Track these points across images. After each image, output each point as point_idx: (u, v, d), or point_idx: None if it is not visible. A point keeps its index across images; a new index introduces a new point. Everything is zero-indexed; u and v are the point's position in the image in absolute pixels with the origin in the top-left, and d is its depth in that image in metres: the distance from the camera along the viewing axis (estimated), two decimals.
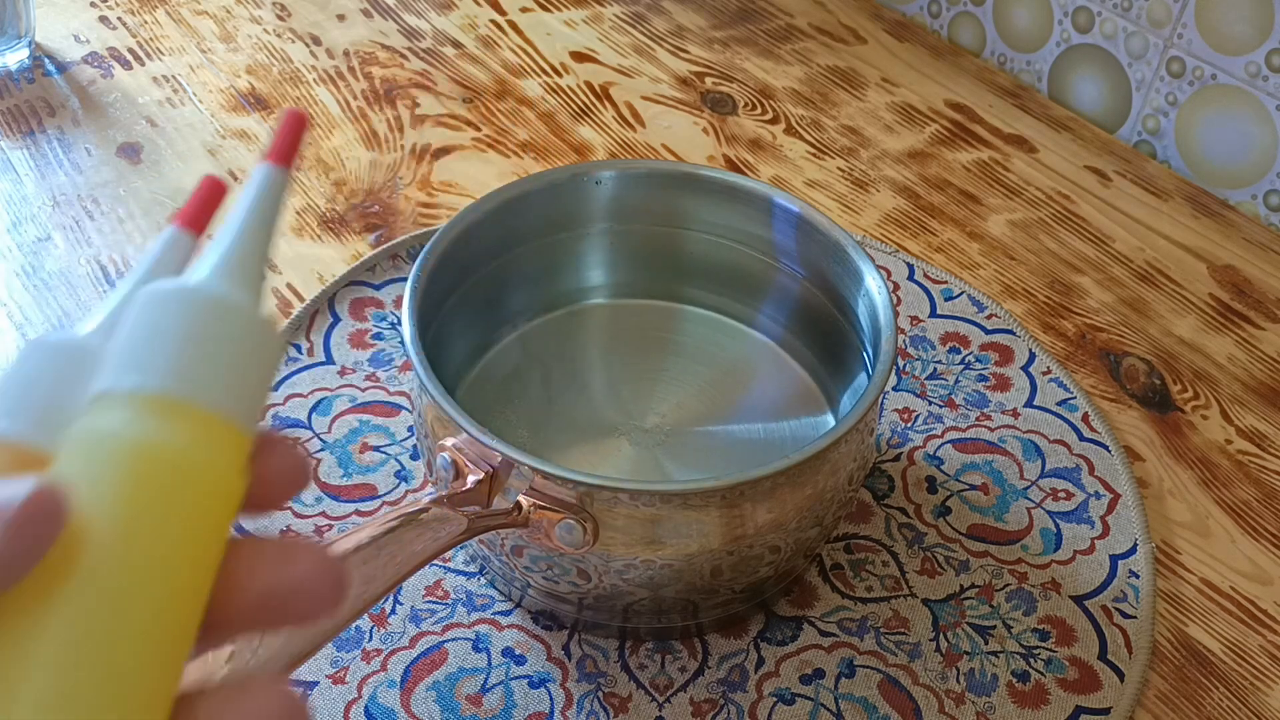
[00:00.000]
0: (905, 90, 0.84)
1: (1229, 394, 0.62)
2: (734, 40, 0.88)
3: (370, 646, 0.47)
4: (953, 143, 0.79)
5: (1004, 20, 0.87)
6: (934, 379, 0.60)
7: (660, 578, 0.43)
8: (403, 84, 0.80)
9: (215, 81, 0.79)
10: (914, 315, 0.64)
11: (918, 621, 0.50)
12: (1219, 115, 0.76)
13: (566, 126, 0.78)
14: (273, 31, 0.84)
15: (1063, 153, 0.79)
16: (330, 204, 0.69)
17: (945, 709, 0.47)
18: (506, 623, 0.49)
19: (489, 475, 0.42)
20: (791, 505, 0.43)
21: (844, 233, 0.51)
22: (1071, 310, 0.66)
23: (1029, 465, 0.56)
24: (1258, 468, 0.58)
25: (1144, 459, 0.58)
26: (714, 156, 0.76)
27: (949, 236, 0.71)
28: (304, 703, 0.20)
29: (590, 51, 0.85)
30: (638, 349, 0.57)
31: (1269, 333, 0.66)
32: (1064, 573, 0.52)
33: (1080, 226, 0.73)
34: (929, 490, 0.55)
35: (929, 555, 0.52)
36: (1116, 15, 0.79)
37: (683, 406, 0.54)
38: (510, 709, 0.46)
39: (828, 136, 0.79)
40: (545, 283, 0.57)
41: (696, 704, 0.46)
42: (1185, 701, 0.48)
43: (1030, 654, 0.49)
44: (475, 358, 0.56)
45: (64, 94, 0.76)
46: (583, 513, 0.41)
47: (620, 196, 0.55)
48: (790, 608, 0.50)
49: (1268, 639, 0.51)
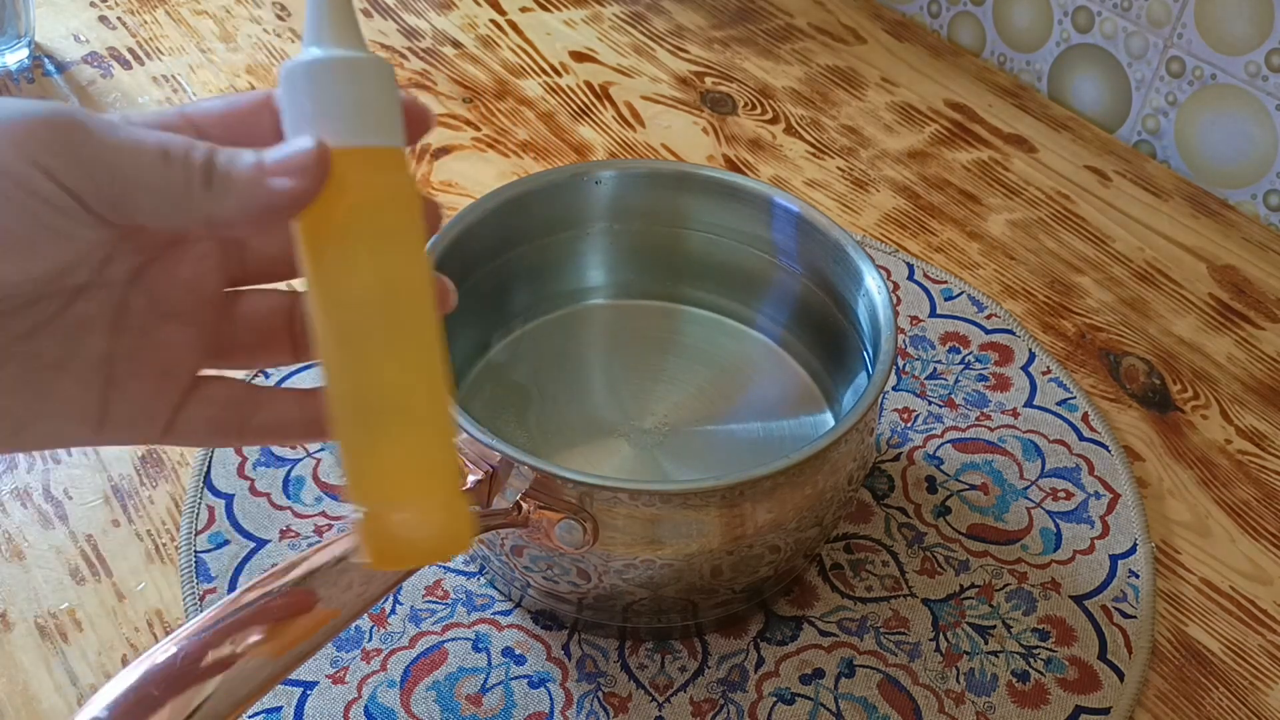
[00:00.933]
0: (905, 90, 0.84)
1: (1229, 394, 0.62)
2: (734, 40, 0.88)
3: (370, 646, 0.47)
4: (952, 142, 0.79)
5: (1004, 20, 0.87)
6: (934, 379, 0.61)
7: (660, 578, 0.43)
8: (402, 84, 0.80)
9: (215, 81, 0.79)
10: (914, 315, 0.64)
11: (917, 621, 0.50)
12: (1219, 115, 0.76)
13: (566, 126, 0.78)
14: (272, 31, 0.84)
15: (1062, 152, 0.79)
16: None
17: (945, 709, 0.47)
18: (506, 623, 0.49)
19: (489, 475, 0.42)
20: (791, 505, 0.43)
21: (844, 232, 0.51)
22: (1071, 310, 0.66)
23: (1029, 465, 0.56)
24: (1257, 467, 0.58)
25: (1144, 459, 0.58)
26: (714, 156, 0.76)
27: (949, 236, 0.71)
28: None
29: (590, 51, 0.85)
30: (637, 349, 0.57)
31: (1269, 332, 0.66)
32: (1064, 572, 0.52)
33: (1080, 226, 0.73)
34: (929, 490, 0.55)
35: (929, 555, 0.52)
36: (1116, 15, 0.79)
37: (682, 406, 0.54)
38: (510, 709, 0.46)
39: (827, 136, 0.79)
40: (545, 283, 0.57)
41: (696, 704, 0.46)
42: (1185, 701, 0.48)
43: (1030, 654, 0.49)
44: (475, 358, 0.56)
45: (64, 94, 0.76)
46: (582, 513, 0.41)
47: (620, 196, 0.55)
48: (790, 608, 0.50)
49: (1267, 639, 0.51)
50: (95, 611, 0.48)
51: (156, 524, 0.52)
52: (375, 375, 0.28)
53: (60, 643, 0.47)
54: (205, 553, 0.50)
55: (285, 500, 0.52)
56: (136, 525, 0.52)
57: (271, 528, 0.51)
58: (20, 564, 0.50)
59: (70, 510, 0.52)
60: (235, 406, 0.31)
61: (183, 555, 0.50)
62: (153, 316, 0.30)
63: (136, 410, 0.30)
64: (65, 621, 0.48)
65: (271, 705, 0.45)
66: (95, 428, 0.29)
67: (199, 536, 0.51)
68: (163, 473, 0.54)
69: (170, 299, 0.30)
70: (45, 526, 0.51)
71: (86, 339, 0.29)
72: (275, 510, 0.52)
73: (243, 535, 0.51)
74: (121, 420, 0.29)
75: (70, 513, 0.52)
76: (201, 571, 0.49)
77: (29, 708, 0.45)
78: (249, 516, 0.52)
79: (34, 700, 0.45)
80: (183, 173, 0.26)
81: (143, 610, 0.48)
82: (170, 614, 0.48)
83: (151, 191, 0.26)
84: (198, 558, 0.50)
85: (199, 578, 0.49)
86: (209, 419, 0.31)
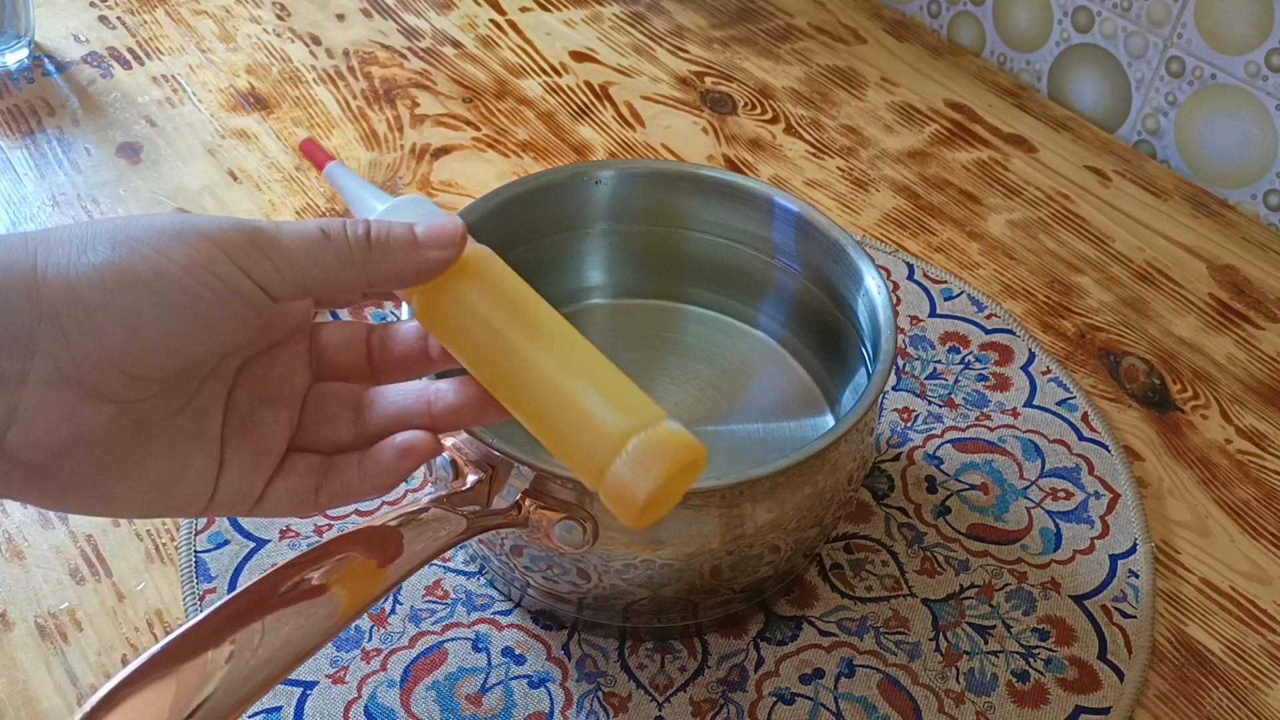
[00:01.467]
0: (905, 90, 0.84)
1: (1228, 394, 0.62)
2: (733, 40, 0.88)
3: (370, 646, 0.47)
4: (952, 142, 0.79)
5: (1004, 20, 0.87)
6: (934, 379, 0.61)
7: (660, 577, 0.43)
8: (402, 84, 0.80)
9: (215, 81, 0.79)
10: (914, 315, 0.64)
11: (917, 621, 0.50)
12: (1218, 115, 0.76)
13: (566, 126, 0.78)
14: (272, 31, 0.84)
15: (1062, 152, 0.79)
16: (331, 204, 0.69)
17: (945, 709, 0.47)
18: (506, 622, 0.49)
19: (489, 475, 0.42)
20: (791, 505, 0.43)
21: (844, 232, 0.51)
22: (1071, 310, 0.66)
23: (1029, 465, 0.56)
24: (1257, 467, 0.58)
25: (1144, 459, 0.58)
26: (714, 156, 0.76)
27: (949, 236, 0.71)
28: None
29: (590, 51, 0.85)
30: (638, 348, 0.57)
31: (1268, 332, 0.66)
32: (1064, 572, 0.52)
33: (1080, 226, 0.73)
34: (929, 490, 0.55)
35: (929, 555, 0.52)
36: (1116, 15, 0.79)
37: (682, 406, 0.54)
38: (510, 709, 0.46)
39: (827, 136, 0.79)
40: (545, 283, 0.57)
41: (696, 703, 0.46)
42: (1185, 701, 0.48)
43: (1030, 654, 0.49)
44: None
45: (63, 94, 0.76)
46: (582, 512, 0.41)
47: (620, 196, 0.55)
48: (790, 607, 0.50)
49: (1267, 638, 0.51)
50: (95, 611, 0.48)
51: (156, 524, 0.52)
52: (541, 361, 0.34)
53: (60, 643, 0.47)
54: (205, 553, 0.50)
55: None
56: (136, 525, 0.52)
57: (271, 528, 0.51)
58: (20, 564, 0.50)
59: None
60: (310, 475, 0.35)
61: (182, 555, 0.50)
62: (254, 402, 0.35)
63: (237, 486, 0.34)
64: (65, 621, 0.48)
65: (271, 705, 0.45)
66: (205, 503, 0.34)
67: (199, 536, 0.51)
68: None
69: (268, 388, 0.35)
70: (45, 526, 0.51)
71: (210, 419, 0.34)
72: None
73: (243, 535, 0.51)
74: (225, 497, 0.34)
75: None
76: (201, 571, 0.49)
77: (29, 708, 0.45)
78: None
79: (34, 700, 0.45)
80: (346, 244, 0.33)
81: (142, 610, 0.48)
82: (170, 614, 0.48)
83: (323, 268, 0.32)
84: (197, 558, 0.50)
85: (199, 578, 0.49)
86: (290, 488, 0.35)
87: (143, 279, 0.29)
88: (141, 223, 0.31)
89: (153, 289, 0.30)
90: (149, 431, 0.32)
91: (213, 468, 0.33)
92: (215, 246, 0.31)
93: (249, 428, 0.34)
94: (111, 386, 0.30)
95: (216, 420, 0.34)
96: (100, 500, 0.32)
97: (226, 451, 0.34)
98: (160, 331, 0.30)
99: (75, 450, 0.30)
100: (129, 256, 0.30)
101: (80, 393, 0.29)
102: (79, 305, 0.29)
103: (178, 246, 0.30)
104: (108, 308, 0.29)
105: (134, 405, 0.31)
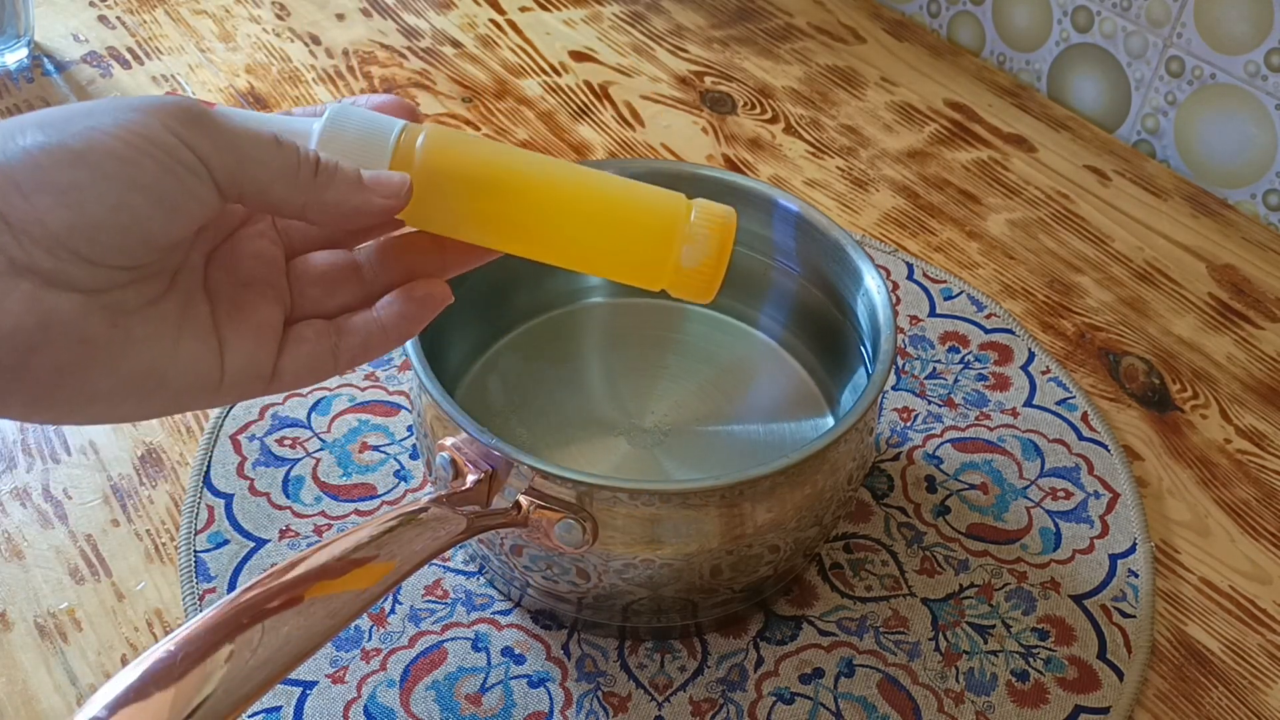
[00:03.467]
0: (904, 90, 0.84)
1: (1228, 393, 0.62)
2: (733, 40, 0.88)
3: (369, 646, 0.47)
4: (952, 142, 0.79)
5: (1003, 20, 0.87)
6: (933, 378, 0.61)
7: (660, 577, 0.43)
8: (402, 83, 0.80)
9: (214, 81, 0.79)
10: (913, 315, 0.64)
11: (917, 621, 0.50)
12: (1218, 115, 0.76)
13: (566, 126, 0.78)
14: (272, 31, 0.84)
15: (1062, 152, 0.79)
16: None
17: (945, 708, 0.47)
18: (506, 622, 0.49)
19: (488, 475, 0.42)
20: (791, 505, 0.43)
21: (843, 232, 0.51)
22: (1071, 310, 0.66)
23: (1028, 465, 0.56)
24: (1257, 467, 0.58)
25: (1143, 458, 0.58)
26: (713, 156, 0.76)
27: (948, 236, 0.71)
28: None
29: (589, 51, 0.85)
30: (637, 348, 0.57)
31: (1268, 332, 0.66)
32: (1063, 572, 0.52)
33: (1079, 226, 0.73)
34: (928, 490, 0.55)
35: (928, 555, 0.52)
36: (1116, 15, 0.79)
37: (682, 405, 0.54)
38: (510, 708, 0.46)
39: (827, 136, 0.79)
40: (545, 282, 0.57)
41: (696, 703, 0.46)
42: (1184, 701, 0.48)
43: (1029, 653, 0.49)
44: (475, 357, 0.56)
45: (63, 93, 0.76)
46: (582, 512, 0.41)
47: None
48: (790, 607, 0.50)
49: (1267, 638, 0.51)
50: (95, 611, 0.48)
51: (156, 524, 0.52)
52: (566, 188, 0.35)
53: (60, 642, 0.47)
54: (205, 552, 0.50)
55: (285, 500, 0.52)
56: (136, 525, 0.52)
57: (271, 527, 0.51)
58: (20, 564, 0.50)
59: (70, 510, 0.52)
60: (322, 338, 0.35)
61: (182, 555, 0.50)
62: (234, 286, 0.34)
63: (245, 363, 0.33)
64: (65, 621, 0.48)
65: (271, 705, 0.45)
66: (216, 387, 0.33)
67: (198, 536, 0.51)
68: (162, 472, 0.54)
69: (243, 270, 0.35)
70: (45, 526, 0.51)
71: (195, 304, 0.33)
72: (275, 510, 0.52)
73: (242, 535, 0.51)
74: (235, 376, 0.33)
75: (70, 512, 0.52)
76: (201, 571, 0.49)
77: (29, 707, 0.45)
78: (248, 516, 0.52)
79: (33, 700, 0.45)
80: (295, 157, 0.32)
81: (142, 610, 0.48)
82: (170, 614, 0.48)
83: (267, 169, 0.31)
84: (197, 557, 0.50)
85: (198, 577, 0.49)
86: (306, 355, 0.35)
87: (77, 153, 0.28)
88: (75, 106, 0.30)
89: (88, 161, 0.28)
90: (127, 320, 0.30)
91: (212, 349, 0.33)
92: (151, 117, 0.29)
93: (238, 307, 0.34)
94: (71, 272, 0.29)
95: (202, 305, 0.33)
96: (87, 397, 0.30)
97: (224, 332, 0.33)
98: (105, 205, 0.29)
99: (47, 341, 0.29)
100: (59, 135, 0.29)
101: (39, 280, 0.28)
102: (14, 190, 0.28)
103: (111, 118, 0.29)
104: (45, 187, 0.28)
105: (105, 294, 0.30)
